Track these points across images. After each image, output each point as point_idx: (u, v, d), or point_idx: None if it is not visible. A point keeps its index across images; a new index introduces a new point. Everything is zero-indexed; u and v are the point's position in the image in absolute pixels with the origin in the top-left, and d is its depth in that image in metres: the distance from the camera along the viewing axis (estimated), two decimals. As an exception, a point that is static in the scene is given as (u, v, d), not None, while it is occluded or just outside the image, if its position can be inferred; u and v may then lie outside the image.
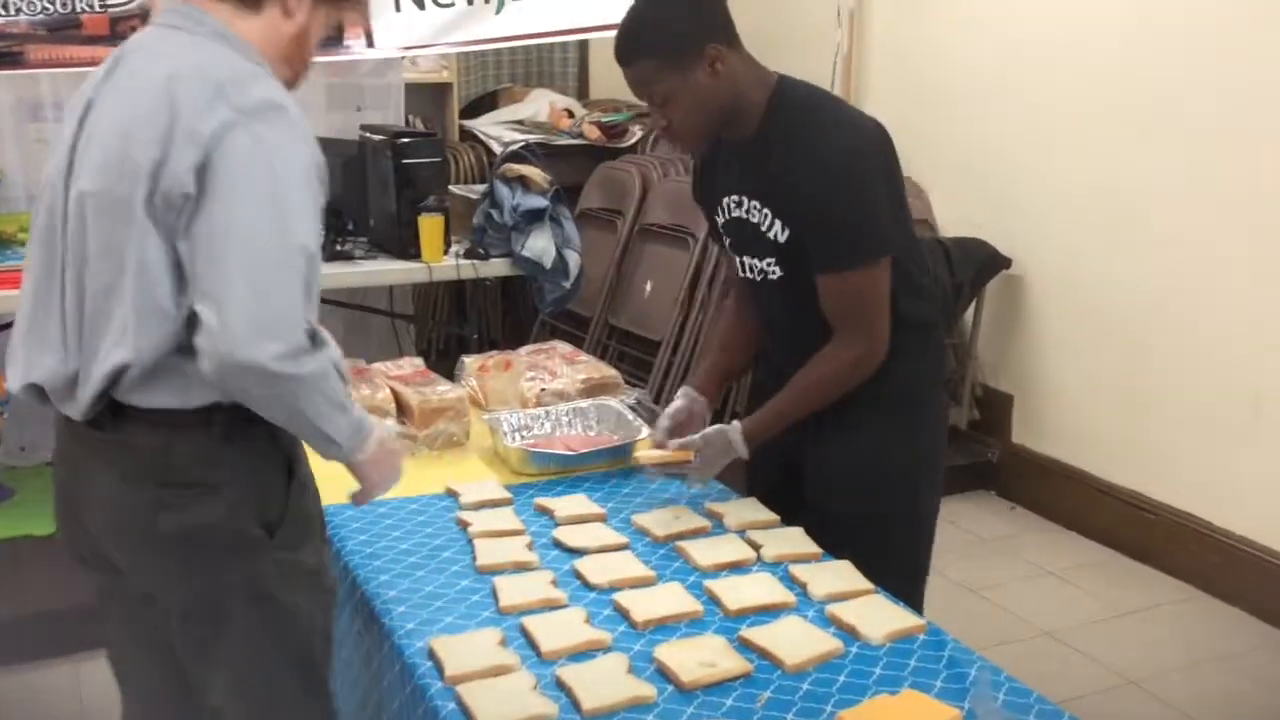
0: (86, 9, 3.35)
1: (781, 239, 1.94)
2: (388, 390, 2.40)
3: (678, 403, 2.12)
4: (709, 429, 2.03)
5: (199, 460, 1.52)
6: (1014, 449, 4.08)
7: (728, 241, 2.06)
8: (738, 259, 2.05)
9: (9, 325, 3.43)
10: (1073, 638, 3.17)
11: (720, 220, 2.05)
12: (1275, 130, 3.12)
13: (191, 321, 1.44)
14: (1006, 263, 3.93)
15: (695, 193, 2.17)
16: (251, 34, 1.55)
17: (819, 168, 1.85)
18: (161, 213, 1.44)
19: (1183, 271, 3.42)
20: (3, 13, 3.24)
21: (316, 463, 1.63)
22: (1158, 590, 3.44)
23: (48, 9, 3.29)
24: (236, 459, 1.54)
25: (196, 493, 1.52)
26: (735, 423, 2.01)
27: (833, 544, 1.90)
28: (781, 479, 2.10)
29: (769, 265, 1.98)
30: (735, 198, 1.99)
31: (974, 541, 3.80)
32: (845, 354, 1.94)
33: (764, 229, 1.95)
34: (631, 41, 1.88)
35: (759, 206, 1.95)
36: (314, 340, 1.46)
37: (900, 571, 1.94)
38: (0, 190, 3.48)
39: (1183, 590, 3.42)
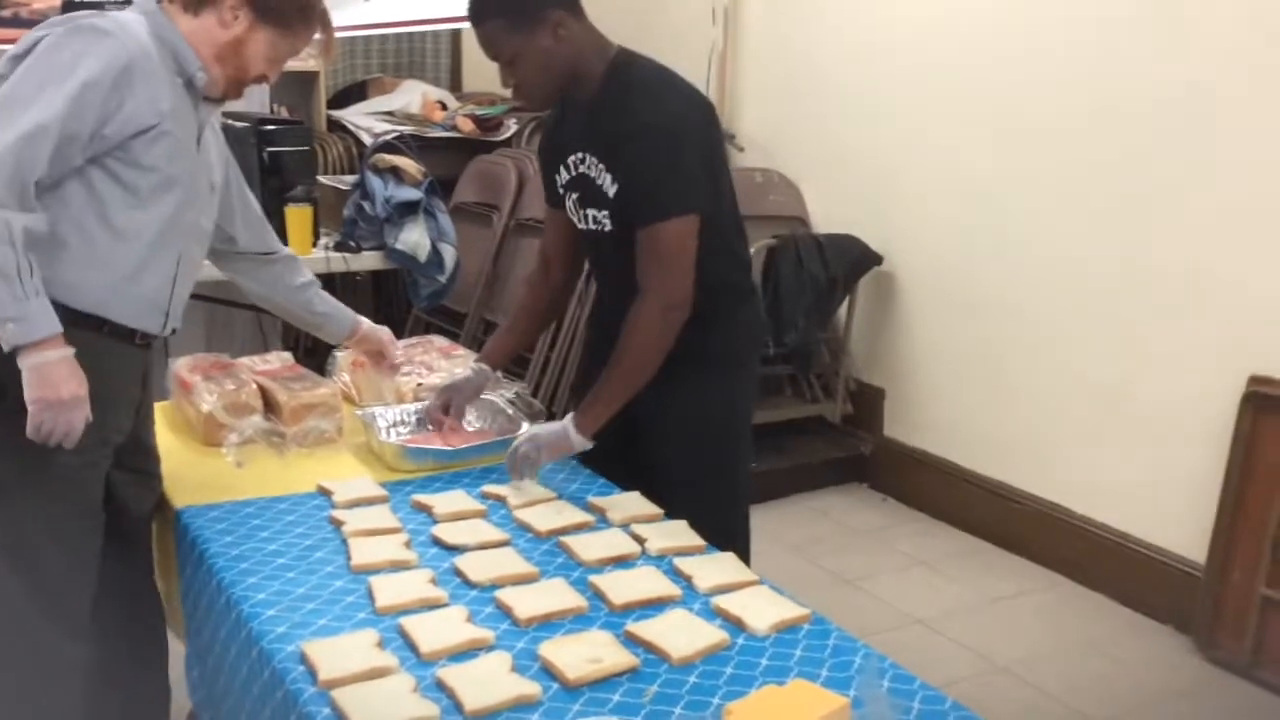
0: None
1: (611, 193, 2.08)
2: (254, 386, 2.30)
3: (467, 373, 2.30)
4: (538, 431, 2.08)
5: None
6: (885, 442, 4.15)
7: (573, 197, 2.17)
8: (581, 213, 2.16)
9: None
10: (944, 626, 3.23)
11: (564, 178, 2.18)
12: (1139, 129, 3.24)
13: None
14: (878, 259, 4.00)
15: (541, 153, 2.29)
16: (187, 29, 1.83)
17: (639, 126, 2.01)
18: None
19: (1046, 268, 3.53)
20: None
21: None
22: (1025, 578, 3.54)
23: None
24: None
25: None
26: (566, 419, 2.07)
27: (667, 498, 2.02)
28: (614, 445, 2.16)
29: (603, 218, 2.12)
30: (578, 154, 2.13)
31: (847, 532, 3.85)
32: (646, 308, 2.04)
33: (599, 183, 2.10)
34: (482, 2, 2.02)
35: (596, 161, 2.09)
36: (16, 201, 1.65)
37: (724, 526, 2.01)
38: None
39: (1049, 578, 3.52)
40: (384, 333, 2.36)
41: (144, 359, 1.94)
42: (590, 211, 2.14)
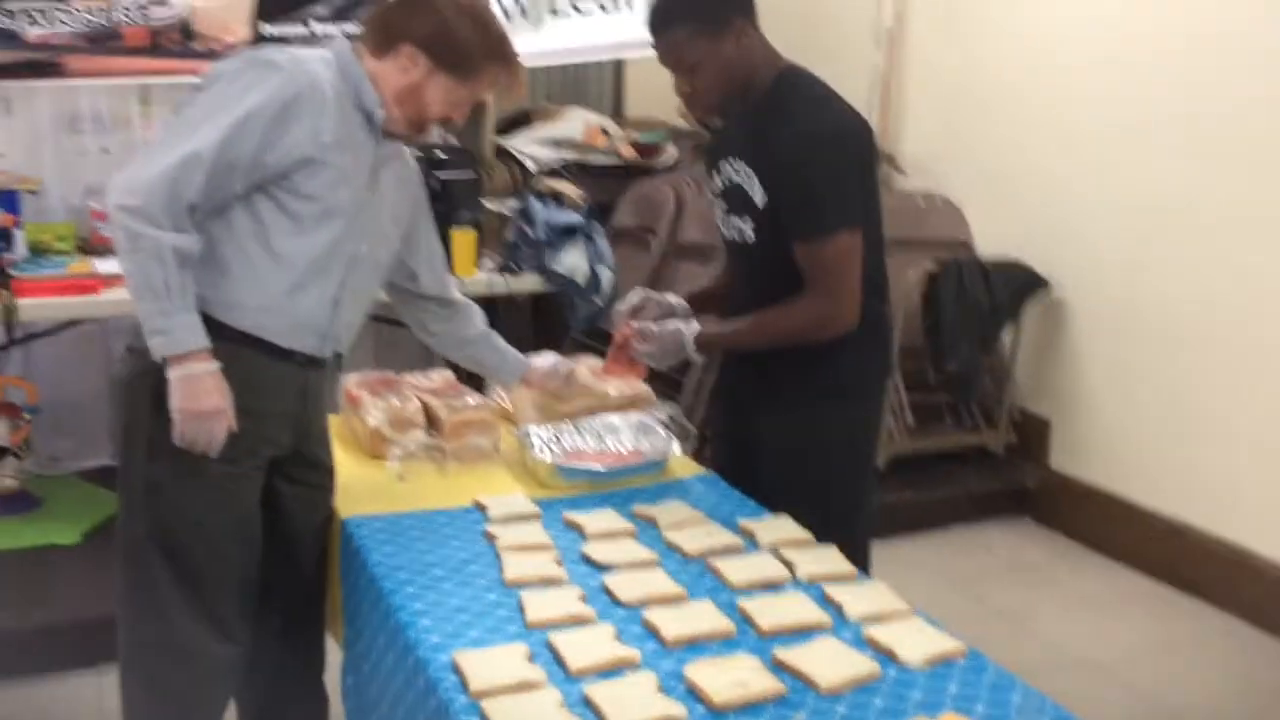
0: (127, 21, 3.36)
1: (759, 202, 2.09)
2: (417, 402, 2.37)
3: (633, 299, 2.31)
4: (668, 323, 2.16)
5: (136, 332, 1.88)
6: (1051, 474, 4.00)
7: (723, 207, 2.20)
8: (728, 220, 2.19)
9: (47, 333, 3.46)
10: (1111, 669, 3.08)
11: (717, 187, 2.22)
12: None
13: None
14: (1045, 284, 3.87)
15: (705, 162, 2.32)
16: (372, 68, 1.93)
17: (801, 139, 2.02)
18: None
19: (1231, 291, 3.35)
20: (44, 23, 3.26)
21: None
22: (1201, 622, 3.35)
23: (89, 20, 3.30)
24: None
25: (126, 354, 1.96)
26: (693, 324, 2.14)
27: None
28: (734, 459, 2.26)
29: (746, 227, 2.14)
30: (734, 163, 2.15)
31: (1010, 568, 3.72)
32: (810, 308, 2.07)
33: (749, 190, 2.11)
34: (672, 8, 2.05)
35: (748, 170, 2.11)
36: (170, 222, 1.74)
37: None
38: (38, 201, 3.49)
39: (1227, 623, 3.33)
40: (547, 363, 2.37)
41: (304, 377, 2.00)
42: (733, 220, 2.16)
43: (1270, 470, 3.28)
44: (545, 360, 2.38)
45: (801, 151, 2.02)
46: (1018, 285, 3.85)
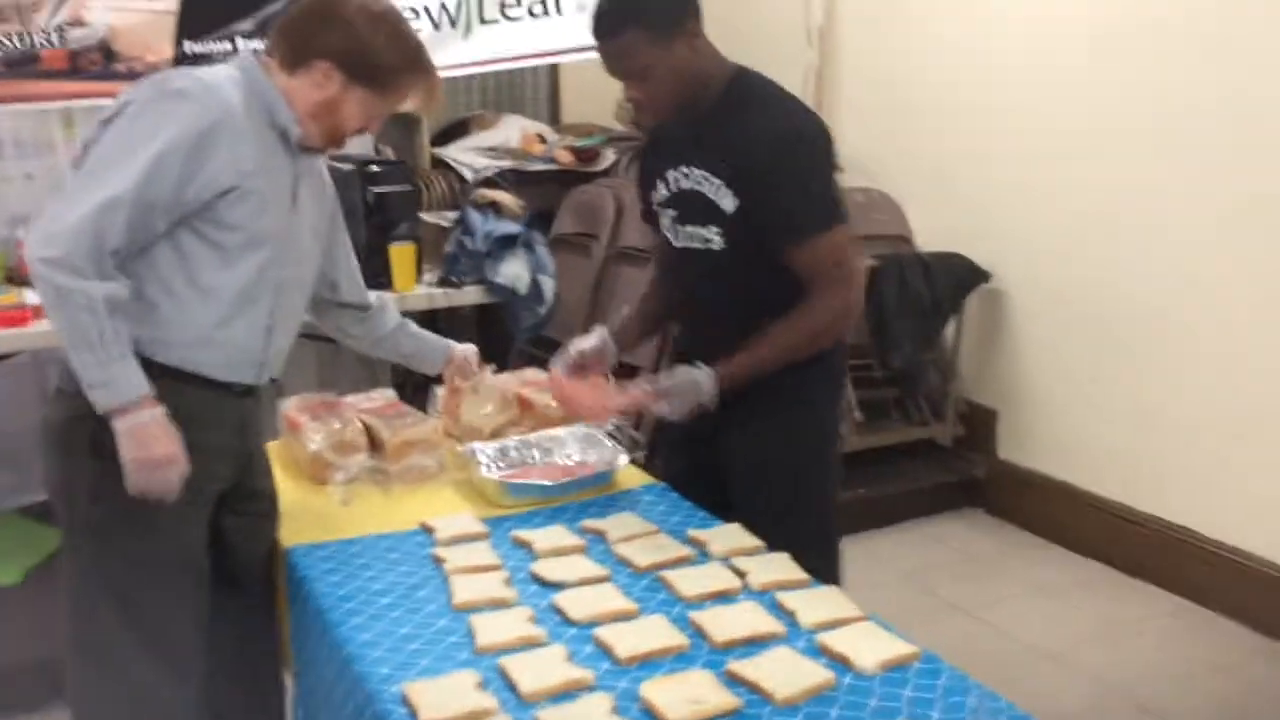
0: (45, 44, 3.28)
1: (729, 209, 2.04)
2: (359, 424, 2.33)
3: (591, 340, 2.24)
4: (676, 372, 2.07)
5: (68, 373, 1.84)
6: (1000, 464, 4.04)
7: (671, 215, 2.15)
8: (680, 229, 2.13)
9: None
10: (1065, 654, 3.11)
11: (661, 195, 2.16)
12: (1262, 134, 3.10)
13: None
14: (986, 276, 3.90)
15: (639, 170, 2.29)
16: (283, 84, 1.87)
17: (780, 143, 1.99)
18: None
19: (1167, 278, 3.40)
20: (-40, 49, 3.18)
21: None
22: (1149, 603, 3.39)
23: (5, 45, 3.22)
24: None
25: (57, 395, 1.91)
26: (704, 369, 2.05)
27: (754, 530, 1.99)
28: (694, 470, 2.23)
29: (713, 234, 2.08)
30: (685, 169, 2.09)
31: (963, 559, 3.75)
32: (818, 312, 2.04)
33: (711, 197, 2.05)
34: (620, 13, 1.98)
35: (709, 176, 2.05)
36: (95, 270, 1.69)
37: (814, 564, 1.93)
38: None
39: (1174, 603, 3.38)
40: (468, 350, 2.38)
41: (243, 408, 1.97)
42: (692, 229, 2.11)
43: (1209, 453, 3.33)
44: (468, 349, 2.38)
45: (783, 153, 1.99)
46: (958, 278, 3.88)
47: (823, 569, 1.91)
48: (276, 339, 1.96)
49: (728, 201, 2.04)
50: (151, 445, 1.76)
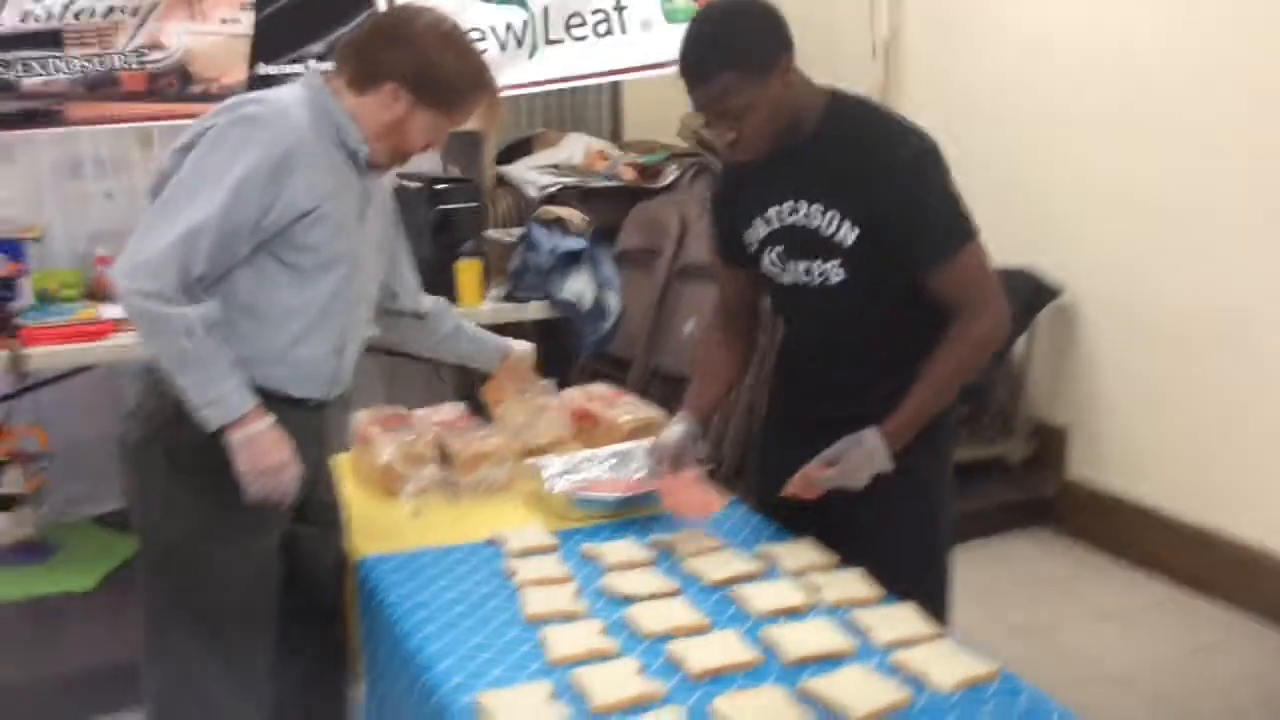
0: (124, 67, 3.36)
1: (849, 241, 1.95)
2: (429, 436, 2.35)
3: (674, 432, 2.13)
4: (845, 447, 1.93)
5: (142, 390, 1.96)
6: (1070, 484, 3.96)
7: (777, 250, 2.04)
8: (789, 264, 2.03)
9: (57, 379, 3.45)
10: (1140, 681, 3.04)
11: (762, 232, 2.05)
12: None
13: None
14: (1054, 293, 3.84)
15: (719, 209, 2.20)
16: (351, 105, 1.89)
17: (906, 169, 1.93)
18: None
19: (1247, 290, 3.31)
20: (41, 71, 3.26)
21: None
22: (1229, 628, 3.30)
23: (86, 67, 3.30)
24: (165, 397, 1.87)
25: (130, 414, 1.98)
26: (872, 430, 1.93)
27: (858, 549, 1.93)
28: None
29: (831, 268, 1.98)
30: (790, 204, 2.00)
31: (1031, 581, 3.68)
32: (980, 325, 1.95)
33: (827, 232, 1.97)
34: (714, 55, 1.87)
35: (822, 210, 1.97)
36: (186, 296, 1.74)
37: (925, 577, 1.92)
38: (42, 249, 3.48)
39: (1255, 628, 3.28)
40: (524, 348, 2.38)
41: (316, 422, 2.00)
42: (806, 264, 2.00)
43: (1291, 471, 3.25)
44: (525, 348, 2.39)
45: (912, 178, 1.92)
46: (1028, 294, 3.82)
47: (936, 583, 1.92)
48: (347, 354, 1.99)
49: (848, 234, 1.94)
50: (265, 455, 1.82)
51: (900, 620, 1.72)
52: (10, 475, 3.35)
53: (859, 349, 2.02)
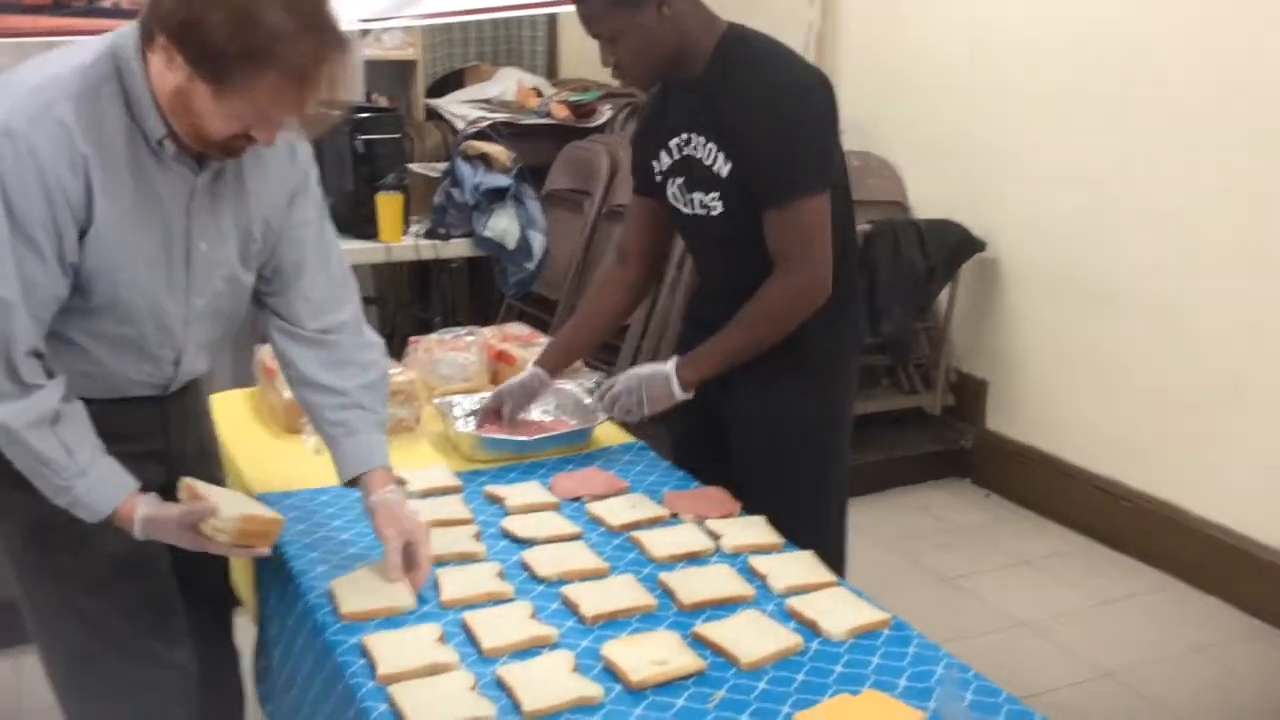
0: (29, -22, 3.22)
1: (724, 173, 1.97)
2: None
3: (522, 378, 2.18)
4: (640, 371, 2.03)
5: None
6: (988, 435, 4.01)
7: (677, 182, 2.07)
8: (688, 197, 2.05)
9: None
10: (1047, 629, 3.10)
11: (664, 165, 2.07)
12: (1255, 107, 3.05)
13: None
14: (981, 245, 3.85)
15: (638, 139, 2.20)
16: (151, 69, 1.45)
17: (762, 103, 1.91)
18: None
19: (1161, 252, 3.35)
20: (-62, -19, 3.12)
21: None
22: (1135, 579, 3.37)
23: (-12, -23, 3.16)
24: None
25: None
26: (671, 361, 2.02)
27: (754, 497, 1.93)
28: (703, 436, 2.15)
29: (712, 201, 2.02)
30: (684, 136, 2.02)
31: (948, 530, 3.73)
32: (789, 282, 1.96)
33: (709, 164, 1.99)
34: None
35: (704, 142, 1.99)
36: (14, 388, 1.45)
37: (818, 527, 1.91)
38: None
39: (1160, 580, 3.35)
40: (408, 530, 1.67)
41: (162, 412, 1.74)
42: (697, 195, 2.03)
43: (1199, 430, 3.30)
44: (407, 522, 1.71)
45: (761, 114, 1.90)
46: (953, 246, 3.83)
47: (827, 535, 1.87)
48: (184, 364, 1.71)
49: (723, 166, 1.97)
50: (166, 537, 1.57)
51: (798, 567, 1.71)
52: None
53: (745, 282, 2.00)
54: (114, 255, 1.51)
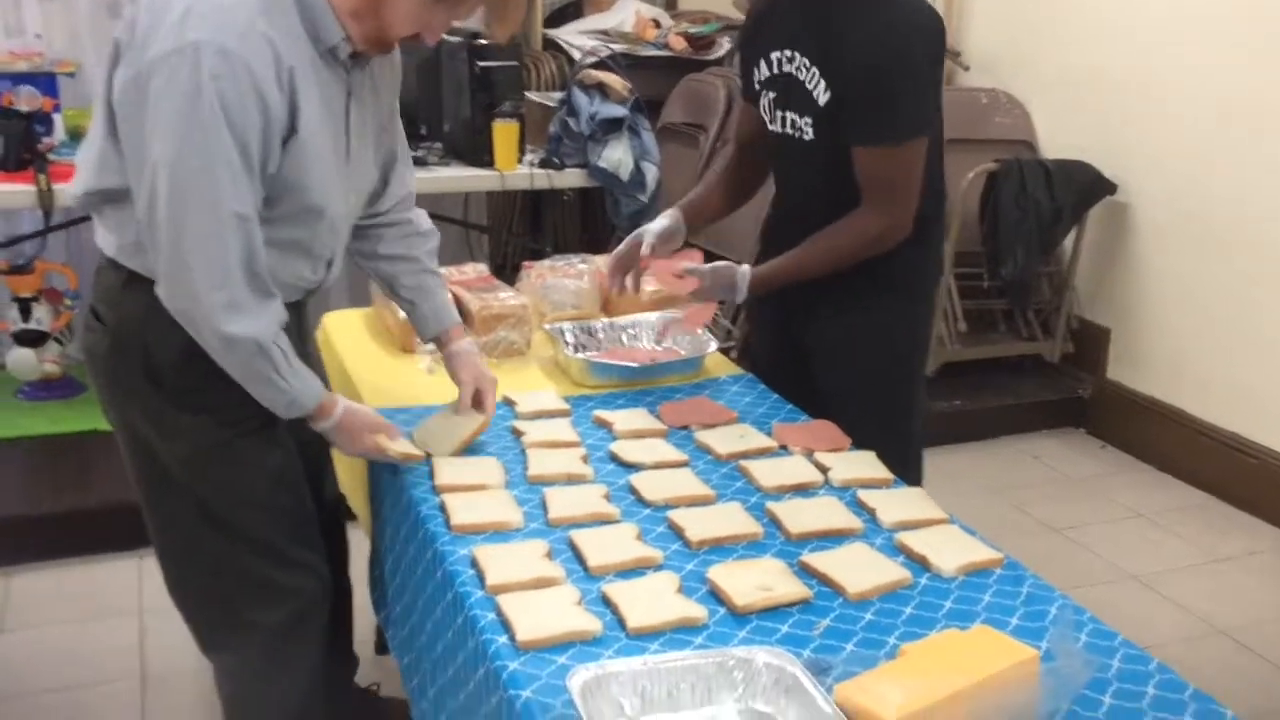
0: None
1: (822, 101, 1.94)
2: (449, 295, 2.31)
3: (664, 222, 2.14)
4: (719, 264, 2.03)
5: (102, 296, 1.70)
6: (1108, 385, 3.88)
7: (770, 96, 2.05)
8: (777, 114, 2.04)
9: (82, 219, 3.45)
10: (1160, 583, 3.01)
11: (763, 74, 2.05)
12: None
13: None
14: (1112, 188, 3.71)
15: (741, 45, 2.19)
16: None
17: (876, 38, 1.87)
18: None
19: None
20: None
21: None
22: (1256, 538, 3.25)
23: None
24: (130, 305, 1.65)
25: (94, 323, 1.70)
26: (745, 266, 2.03)
27: (835, 420, 1.94)
28: (782, 358, 2.17)
29: (805, 125, 1.99)
30: (788, 52, 1.99)
31: (1060, 480, 3.64)
32: (871, 222, 1.96)
33: (809, 87, 1.95)
34: None
35: (808, 64, 1.95)
36: (258, 297, 1.57)
37: (897, 460, 1.87)
38: (76, 85, 3.45)
39: (1282, 540, 3.24)
40: (479, 375, 1.88)
41: (298, 317, 1.82)
42: (788, 115, 2.01)
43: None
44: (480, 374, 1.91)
45: (877, 53, 1.86)
46: (1082, 188, 3.69)
47: (901, 466, 1.85)
48: (335, 265, 1.79)
49: (822, 94, 1.94)
50: (348, 445, 1.74)
51: (908, 503, 1.68)
52: (39, 312, 3.38)
53: (824, 210, 2.01)
54: (308, 162, 1.59)
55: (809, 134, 1.99)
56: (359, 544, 2.09)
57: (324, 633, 1.89)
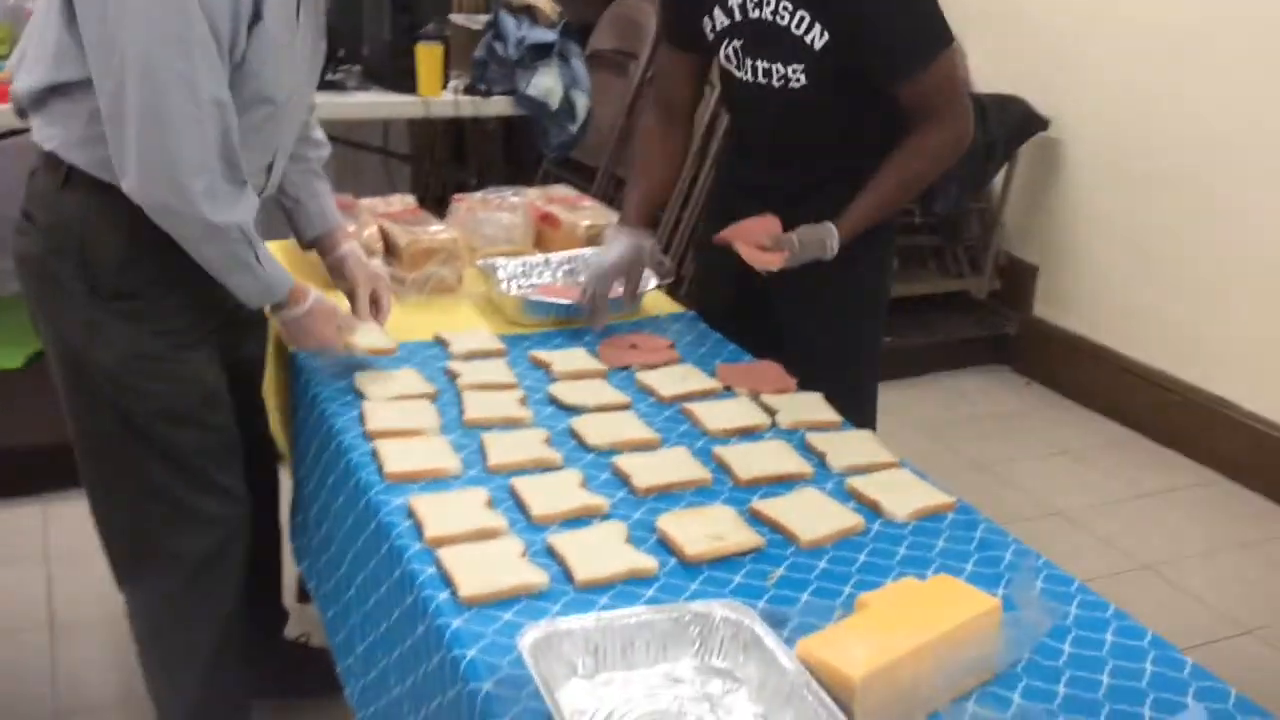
0: None
1: (818, 45, 1.83)
2: (375, 228, 2.21)
3: (618, 251, 2.00)
4: (802, 229, 1.90)
5: (37, 197, 1.62)
6: (1034, 322, 3.91)
7: (736, 44, 1.93)
8: (747, 61, 1.93)
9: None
10: (1086, 519, 3.05)
11: (721, 21, 1.92)
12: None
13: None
14: (1044, 123, 3.69)
15: None
16: None
17: None
18: None
19: (1233, 141, 3.19)
20: None
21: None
22: (1179, 474, 3.31)
23: None
24: (69, 205, 1.58)
25: (27, 226, 1.63)
26: (829, 224, 1.91)
27: (795, 369, 1.88)
28: (739, 297, 2.08)
29: (793, 72, 1.88)
30: None
31: (985, 417, 3.66)
32: (944, 135, 1.90)
33: (796, 33, 1.84)
34: None
35: (791, 8, 1.83)
36: (236, 185, 1.55)
37: (853, 403, 1.84)
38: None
39: (1205, 475, 3.29)
40: (372, 276, 1.91)
41: None
42: (764, 64, 1.90)
43: (1257, 327, 3.19)
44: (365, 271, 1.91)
45: None
46: (1014, 123, 3.66)
47: (857, 407, 1.81)
48: (276, 167, 1.75)
49: (817, 38, 1.83)
50: (306, 338, 1.74)
51: (858, 446, 1.64)
52: (-67, 244, 3.18)
53: (809, 154, 1.96)
54: (266, 50, 1.56)
55: (800, 80, 1.87)
56: (289, 488, 1.99)
57: (241, 569, 1.83)
